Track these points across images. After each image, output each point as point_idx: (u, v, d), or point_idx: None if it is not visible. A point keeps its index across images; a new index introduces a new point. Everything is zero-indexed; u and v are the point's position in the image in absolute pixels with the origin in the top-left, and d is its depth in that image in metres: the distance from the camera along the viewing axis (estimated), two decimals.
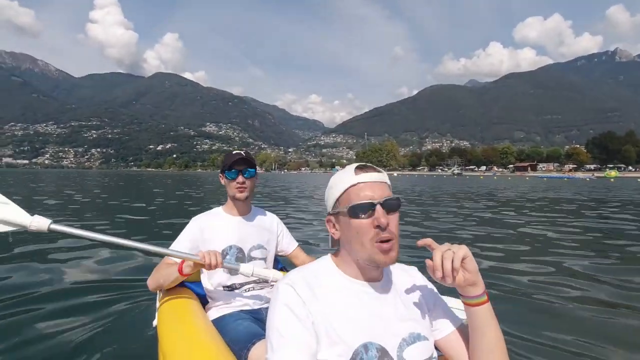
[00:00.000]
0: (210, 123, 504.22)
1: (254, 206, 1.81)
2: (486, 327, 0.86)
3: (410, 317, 0.92)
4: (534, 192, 18.53)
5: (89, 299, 2.76)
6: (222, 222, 1.68)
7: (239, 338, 1.34)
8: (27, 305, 2.58)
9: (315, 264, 0.96)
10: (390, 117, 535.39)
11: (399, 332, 0.88)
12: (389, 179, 0.92)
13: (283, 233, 1.85)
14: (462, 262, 0.82)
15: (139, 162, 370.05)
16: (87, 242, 4.56)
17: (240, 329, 1.41)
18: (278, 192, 17.81)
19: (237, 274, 1.51)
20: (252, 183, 1.68)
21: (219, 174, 1.70)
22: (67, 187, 18.96)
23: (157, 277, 1.55)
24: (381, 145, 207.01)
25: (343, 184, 0.89)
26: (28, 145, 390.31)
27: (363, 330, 0.84)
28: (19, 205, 1.31)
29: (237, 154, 1.65)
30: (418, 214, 8.82)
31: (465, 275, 0.83)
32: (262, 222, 1.78)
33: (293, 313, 0.81)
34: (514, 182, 38.72)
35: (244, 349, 1.27)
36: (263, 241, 1.72)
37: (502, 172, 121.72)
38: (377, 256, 0.86)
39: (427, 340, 0.91)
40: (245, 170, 1.64)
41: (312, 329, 0.81)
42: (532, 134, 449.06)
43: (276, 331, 0.80)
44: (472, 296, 0.85)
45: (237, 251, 1.64)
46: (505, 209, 10.16)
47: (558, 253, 4.63)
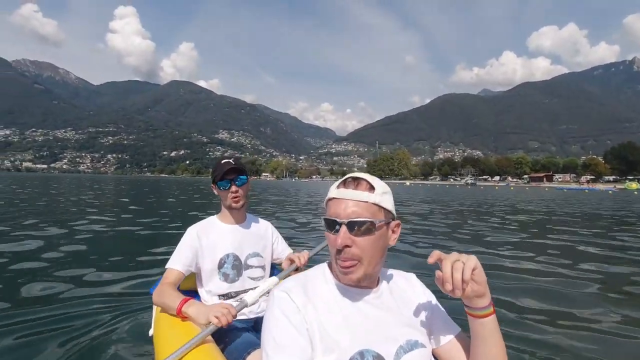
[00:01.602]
0: (223, 130, 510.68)
1: (248, 214, 1.79)
2: (490, 339, 0.84)
3: (408, 324, 0.90)
4: (563, 206, 17.28)
5: (85, 308, 2.72)
6: (218, 231, 1.67)
7: (235, 347, 1.32)
8: (21, 316, 2.53)
9: (311, 271, 0.95)
10: (402, 126, 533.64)
11: (397, 339, 0.86)
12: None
13: (277, 240, 1.85)
14: (472, 274, 0.78)
15: (152, 167, 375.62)
16: (81, 253, 4.54)
17: (236, 338, 1.39)
18: (292, 198, 17.64)
19: (248, 305, 1.42)
20: (245, 190, 1.66)
21: (211, 184, 1.68)
22: (120, 192, 19.14)
23: (160, 301, 1.49)
24: (393, 154, 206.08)
25: (328, 195, 0.89)
26: (47, 151, 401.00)
27: (359, 337, 0.83)
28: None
29: (227, 163, 1.62)
30: (441, 229, 8.45)
31: (473, 287, 0.79)
32: (257, 229, 1.78)
33: (288, 320, 0.80)
34: (533, 193, 37.70)
35: (239, 358, 1.26)
36: (259, 248, 1.73)
37: (517, 183, 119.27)
38: (339, 273, 0.87)
39: (425, 347, 0.90)
40: (237, 178, 1.62)
41: (307, 335, 0.80)
42: (547, 143, 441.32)
43: (271, 338, 0.80)
44: (479, 308, 0.82)
45: (234, 259, 1.63)
46: (545, 229, 8.36)
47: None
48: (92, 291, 3.11)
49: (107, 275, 3.62)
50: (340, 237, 0.83)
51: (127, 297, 2.95)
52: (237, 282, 1.62)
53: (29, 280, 3.28)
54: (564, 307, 2.98)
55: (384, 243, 0.88)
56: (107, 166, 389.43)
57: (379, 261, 0.88)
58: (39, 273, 3.55)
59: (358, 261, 0.84)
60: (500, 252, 5.35)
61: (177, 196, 18.06)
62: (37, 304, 2.74)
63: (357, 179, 0.88)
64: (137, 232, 6.49)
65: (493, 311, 0.83)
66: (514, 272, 4.12)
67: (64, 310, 2.64)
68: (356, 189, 0.85)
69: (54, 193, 17.13)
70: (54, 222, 7.04)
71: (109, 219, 8.11)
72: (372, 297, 0.89)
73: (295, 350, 0.78)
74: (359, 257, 0.84)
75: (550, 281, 3.75)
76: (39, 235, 5.54)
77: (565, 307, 2.99)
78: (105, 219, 8.07)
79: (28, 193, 16.40)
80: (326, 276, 0.91)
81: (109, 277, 3.55)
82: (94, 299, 2.91)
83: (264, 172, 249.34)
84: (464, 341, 0.93)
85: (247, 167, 1.67)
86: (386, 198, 0.88)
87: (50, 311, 2.61)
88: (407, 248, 5.44)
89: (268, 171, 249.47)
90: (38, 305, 2.72)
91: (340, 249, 0.84)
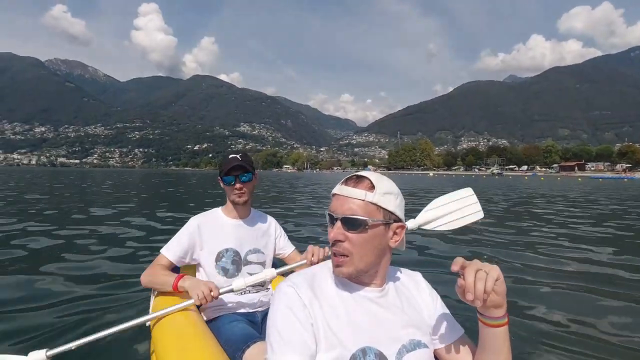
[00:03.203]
0: (244, 123, 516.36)
1: (253, 209, 1.79)
2: (499, 348, 0.84)
3: (411, 324, 0.90)
4: (609, 197, 16.15)
5: (81, 295, 2.74)
6: (220, 224, 1.68)
7: (234, 339, 1.34)
8: (20, 304, 2.56)
9: (318, 267, 0.96)
10: (424, 116, 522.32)
11: (399, 338, 0.87)
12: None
13: (280, 236, 1.85)
14: (494, 284, 0.77)
15: (177, 161, 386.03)
16: (80, 242, 4.63)
17: (235, 330, 1.41)
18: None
19: (234, 290, 1.48)
20: (250, 187, 1.67)
21: (218, 177, 1.68)
22: (168, 186, 20.10)
23: (153, 281, 1.55)
24: (415, 144, 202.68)
25: (333, 190, 0.92)
26: (79, 146, 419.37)
27: (362, 334, 0.84)
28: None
29: (233, 159, 1.61)
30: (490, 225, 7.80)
31: (493, 298, 0.78)
32: (261, 225, 1.77)
33: (294, 315, 0.82)
34: (567, 183, 36.31)
35: (238, 351, 1.27)
36: (260, 245, 1.73)
37: (546, 172, 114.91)
38: (333, 265, 0.89)
39: (427, 348, 0.90)
40: (242, 175, 1.62)
41: (312, 331, 0.81)
42: (578, 131, 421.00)
43: (276, 332, 0.81)
44: (494, 317, 0.82)
45: (233, 254, 1.64)
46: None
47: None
48: (89, 279, 3.16)
49: (103, 263, 3.69)
50: (334, 232, 0.87)
51: (125, 286, 2.98)
52: (237, 277, 1.62)
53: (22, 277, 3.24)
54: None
55: (380, 243, 0.88)
56: (134, 160, 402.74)
57: (373, 260, 0.89)
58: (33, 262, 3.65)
59: (348, 256, 0.86)
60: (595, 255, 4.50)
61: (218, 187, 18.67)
62: (34, 292, 2.77)
63: (360, 178, 0.90)
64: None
65: (507, 322, 0.83)
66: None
67: (59, 297, 2.68)
68: (355, 187, 0.88)
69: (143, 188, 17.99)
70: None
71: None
72: (377, 295, 0.90)
73: (299, 345, 0.79)
74: (350, 252, 0.86)
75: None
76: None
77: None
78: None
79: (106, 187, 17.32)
80: (333, 273, 0.92)
81: (105, 264, 3.63)
82: (91, 287, 2.95)
83: (285, 164, 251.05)
84: (467, 343, 0.93)
85: (254, 163, 1.67)
86: (388, 198, 0.88)
87: (45, 299, 2.64)
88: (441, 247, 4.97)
89: (289, 163, 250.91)
90: (35, 293, 2.76)
91: (332, 243, 0.87)
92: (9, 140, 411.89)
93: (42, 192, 13.36)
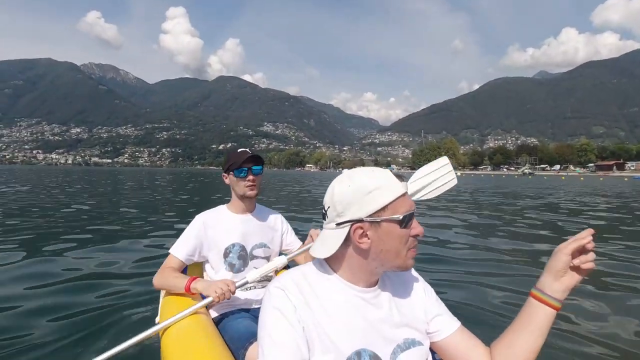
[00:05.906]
0: (268, 123, 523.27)
1: (258, 204, 1.81)
2: (543, 331, 0.86)
3: (406, 323, 0.90)
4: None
5: (94, 294, 2.77)
6: (226, 220, 1.69)
7: (238, 337, 1.35)
8: (28, 302, 2.59)
9: (306, 267, 0.92)
10: (449, 114, 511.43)
11: (394, 339, 0.87)
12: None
13: (287, 231, 1.86)
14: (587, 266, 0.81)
15: (202, 160, 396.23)
16: (89, 242, 4.59)
17: (239, 327, 1.42)
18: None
19: (249, 282, 1.51)
20: (260, 180, 1.69)
21: (223, 173, 1.70)
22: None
23: (164, 283, 1.58)
24: (439, 143, 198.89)
25: (393, 192, 0.82)
26: (111, 146, 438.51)
27: (356, 336, 0.82)
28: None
29: (245, 152, 1.65)
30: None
31: (577, 278, 0.83)
32: (267, 220, 1.79)
33: (285, 318, 0.79)
34: (612, 183, 34.59)
35: (241, 348, 1.28)
36: (267, 239, 1.74)
37: (580, 173, 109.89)
38: (409, 262, 0.86)
39: (422, 345, 0.90)
40: (254, 167, 1.64)
41: (304, 334, 0.79)
42: (615, 128, 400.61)
43: (267, 336, 0.79)
44: (556, 298, 0.84)
45: (240, 249, 1.66)
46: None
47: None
48: (101, 278, 3.21)
49: (115, 261, 3.75)
50: (419, 225, 0.85)
51: (137, 284, 3.01)
52: (243, 272, 1.63)
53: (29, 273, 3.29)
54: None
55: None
56: (162, 160, 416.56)
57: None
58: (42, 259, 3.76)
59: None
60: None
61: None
62: (44, 291, 2.83)
63: (398, 174, 0.92)
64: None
65: (560, 307, 0.85)
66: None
67: (71, 297, 2.72)
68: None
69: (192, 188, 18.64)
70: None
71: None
72: (370, 296, 0.88)
73: (291, 348, 0.77)
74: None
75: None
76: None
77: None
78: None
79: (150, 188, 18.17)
80: (324, 273, 0.88)
81: (116, 263, 3.69)
82: (103, 285, 3.00)
83: (308, 164, 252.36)
84: (465, 334, 0.94)
85: (263, 157, 1.70)
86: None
87: (57, 297, 2.71)
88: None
89: (312, 162, 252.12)
90: (47, 291, 2.82)
91: (420, 237, 0.86)
92: (48, 141, 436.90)
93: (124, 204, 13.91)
